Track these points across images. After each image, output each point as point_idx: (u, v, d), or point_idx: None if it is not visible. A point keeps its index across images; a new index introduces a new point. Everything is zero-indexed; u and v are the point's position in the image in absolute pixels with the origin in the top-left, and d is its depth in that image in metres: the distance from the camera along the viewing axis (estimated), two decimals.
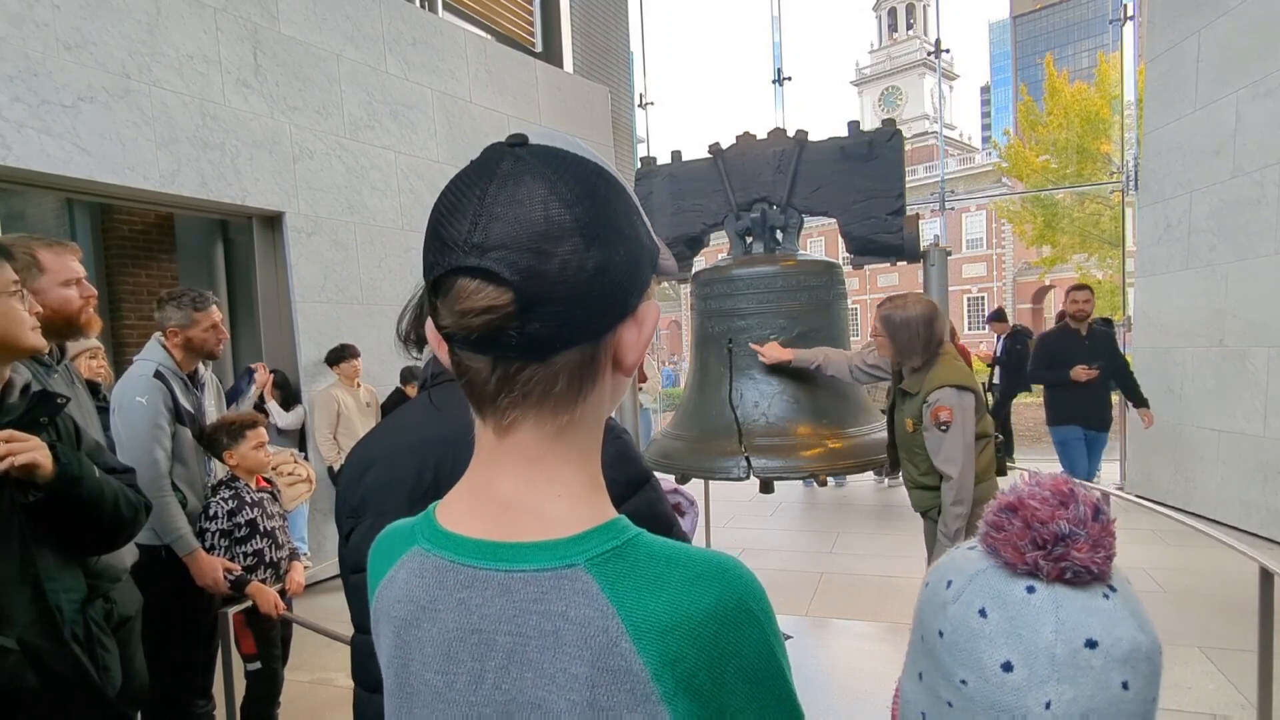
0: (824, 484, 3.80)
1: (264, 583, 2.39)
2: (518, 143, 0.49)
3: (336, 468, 4.68)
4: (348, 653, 1.05)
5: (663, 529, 0.89)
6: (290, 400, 4.79)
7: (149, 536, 2.12)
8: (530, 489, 0.52)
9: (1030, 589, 0.59)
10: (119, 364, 4.70)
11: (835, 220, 2.22)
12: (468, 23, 6.58)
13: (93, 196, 4.23)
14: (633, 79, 8.89)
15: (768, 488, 2.19)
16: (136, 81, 3.93)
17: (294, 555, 2.59)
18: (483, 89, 6.21)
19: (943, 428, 2.33)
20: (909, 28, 58.60)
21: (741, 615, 0.48)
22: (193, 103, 4.20)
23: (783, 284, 2.22)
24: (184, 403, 2.32)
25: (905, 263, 2.23)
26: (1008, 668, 0.57)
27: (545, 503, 0.51)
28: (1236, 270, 5.00)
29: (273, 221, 4.78)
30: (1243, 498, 4.95)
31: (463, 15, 6.60)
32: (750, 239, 2.33)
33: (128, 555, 1.81)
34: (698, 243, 2.46)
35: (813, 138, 2.24)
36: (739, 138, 2.33)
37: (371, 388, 4.96)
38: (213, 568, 2.27)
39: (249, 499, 2.43)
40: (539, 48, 7.51)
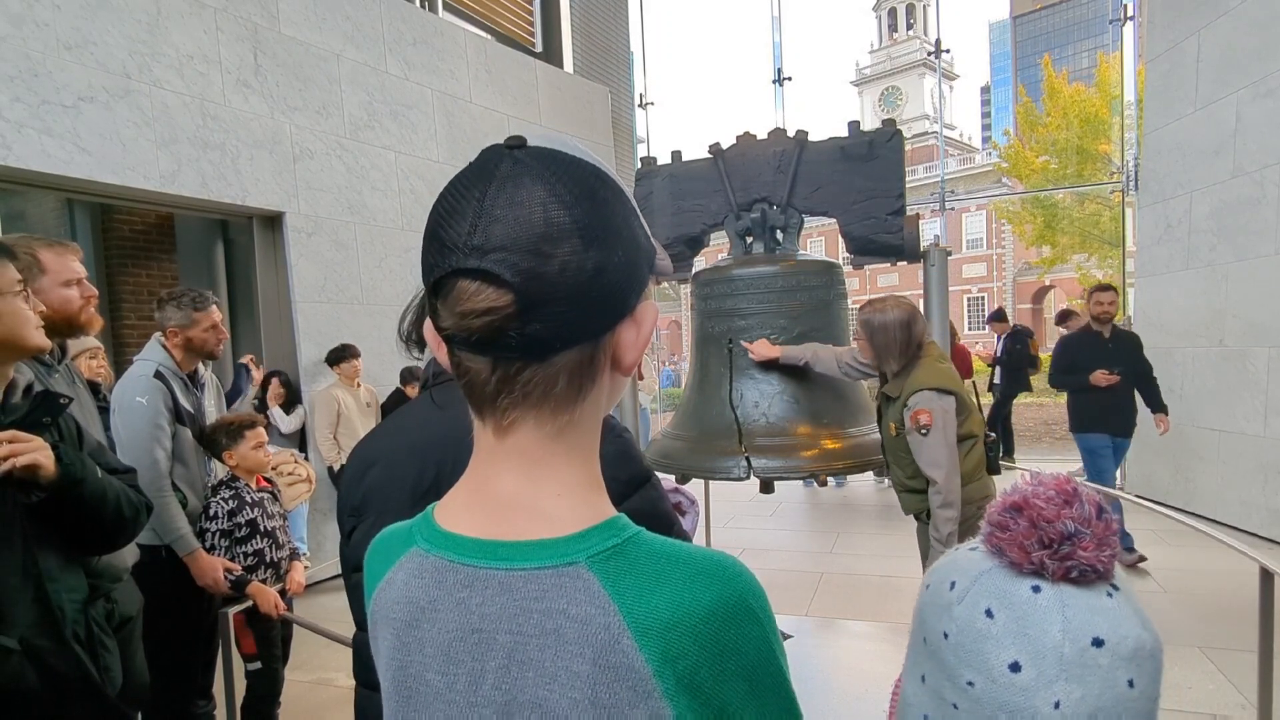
0: (824, 484, 3.79)
1: (264, 583, 2.39)
2: (516, 145, 0.49)
3: (336, 468, 4.68)
4: (348, 653, 1.06)
5: (663, 528, 0.89)
6: (291, 401, 4.79)
7: (149, 536, 2.13)
8: (530, 488, 0.52)
9: (1036, 589, 0.59)
10: (119, 364, 4.71)
11: (835, 220, 2.22)
12: (468, 23, 6.58)
13: (93, 196, 4.23)
14: (633, 79, 8.90)
15: (768, 488, 2.18)
16: (137, 81, 3.93)
17: (294, 555, 2.59)
18: (483, 89, 6.21)
19: (923, 431, 2.30)
20: (909, 28, 58.56)
21: (742, 613, 0.48)
22: (193, 103, 4.20)
23: (783, 284, 2.22)
24: (184, 403, 2.32)
25: (905, 263, 2.23)
26: (1016, 668, 0.57)
27: (545, 501, 0.51)
28: (1237, 270, 5.00)
29: (273, 221, 4.78)
30: (1243, 498, 4.95)
31: (463, 15, 6.60)
32: (750, 239, 2.33)
33: (128, 555, 1.81)
34: (698, 243, 2.46)
35: (813, 138, 2.24)
36: (739, 138, 2.33)
37: (372, 388, 4.96)
38: (213, 568, 2.27)
39: (249, 499, 2.43)
40: (539, 48, 7.51)
